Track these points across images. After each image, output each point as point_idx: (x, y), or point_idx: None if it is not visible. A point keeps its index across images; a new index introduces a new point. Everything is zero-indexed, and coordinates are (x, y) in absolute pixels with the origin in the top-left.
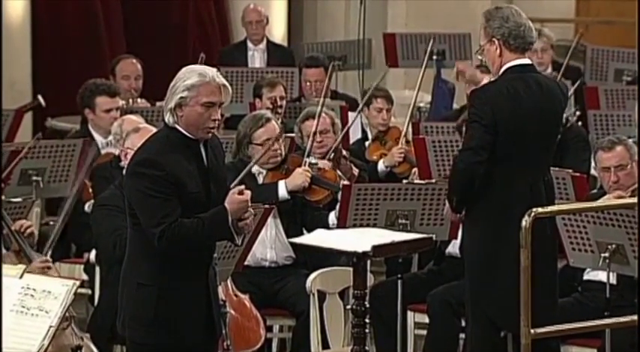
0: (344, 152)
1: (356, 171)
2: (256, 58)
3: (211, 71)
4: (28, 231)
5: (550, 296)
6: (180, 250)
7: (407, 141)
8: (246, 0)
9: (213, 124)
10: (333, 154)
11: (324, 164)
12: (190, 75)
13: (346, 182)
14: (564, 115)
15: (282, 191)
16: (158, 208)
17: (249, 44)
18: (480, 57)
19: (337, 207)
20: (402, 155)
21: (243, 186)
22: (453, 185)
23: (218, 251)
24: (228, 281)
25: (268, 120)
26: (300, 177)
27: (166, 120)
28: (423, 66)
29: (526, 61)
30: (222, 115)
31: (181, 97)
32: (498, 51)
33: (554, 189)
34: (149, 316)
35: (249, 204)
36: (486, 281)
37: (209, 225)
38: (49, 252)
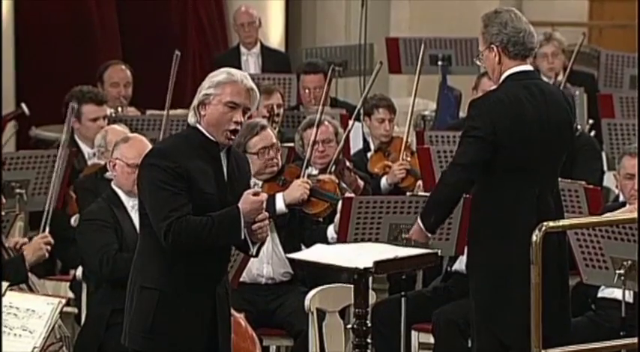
0: (347, 163)
1: (361, 183)
2: (250, 63)
3: (241, 73)
4: (24, 248)
5: (562, 314)
6: (187, 248)
7: (411, 153)
8: (244, 2)
9: (234, 127)
10: (335, 165)
11: (325, 175)
12: (219, 73)
13: (351, 194)
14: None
15: (280, 204)
16: (166, 201)
17: (242, 49)
18: (479, 63)
19: (336, 219)
20: (404, 170)
21: (260, 189)
22: (434, 201)
23: None
24: None
25: (263, 127)
26: (298, 189)
27: (189, 119)
28: (418, 69)
29: (527, 67)
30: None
31: (205, 94)
32: (497, 58)
33: (562, 201)
34: (148, 321)
35: (264, 207)
36: (493, 299)
37: (219, 224)
38: (47, 228)
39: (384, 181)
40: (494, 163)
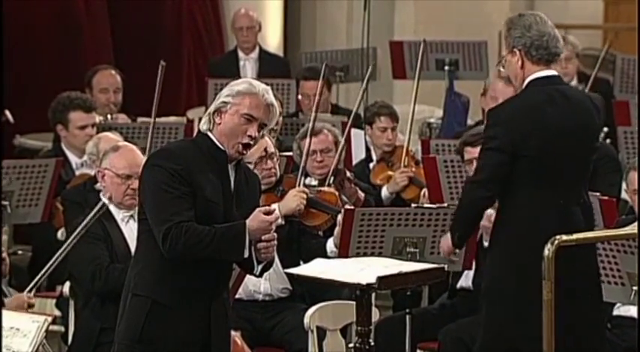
0: (348, 174)
1: (362, 195)
2: (248, 68)
3: (263, 86)
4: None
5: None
6: (185, 256)
7: (416, 163)
8: (242, 4)
9: (247, 141)
10: (333, 177)
11: (325, 187)
12: (240, 83)
13: (351, 207)
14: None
15: None
16: (168, 204)
17: (240, 53)
18: (502, 69)
19: (335, 232)
20: (406, 179)
21: (274, 208)
22: (456, 218)
23: None
24: None
25: (261, 136)
26: (294, 199)
27: (201, 125)
28: (417, 73)
29: (551, 72)
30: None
31: (223, 102)
32: (520, 62)
33: (592, 213)
34: (137, 330)
35: (273, 227)
36: (508, 314)
37: (221, 237)
38: (33, 291)
39: (384, 191)
40: (516, 174)
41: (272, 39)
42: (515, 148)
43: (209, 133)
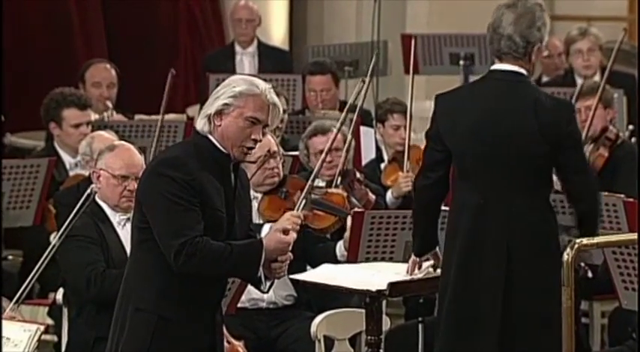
0: (358, 174)
1: (372, 197)
2: (245, 63)
3: (264, 85)
4: None
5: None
6: (196, 271)
7: None
8: None
9: (252, 145)
10: (341, 177)
11: (333, 189)
12: (240, 82)
13: (360, 210)
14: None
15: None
16: (179, 217)
17: (237, 47)
18: None
19: (345, 235)
20: (410, 184)
21: (290, 227)
22: (412, 216)
23: None
24: None
25: (263, 134)
26: (286, 223)
27: (198, 127)
28: (411, 69)
29: (503, 66)
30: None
31: (225, 104)
32: None
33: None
34: (143, 347)
35: (290, 248)
36: (439, 318)
37: (238, 255)
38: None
39: (389, 195)
40: (454, 170)
41: (277, 32)
42: (442, 138)
43: (209, 136)
